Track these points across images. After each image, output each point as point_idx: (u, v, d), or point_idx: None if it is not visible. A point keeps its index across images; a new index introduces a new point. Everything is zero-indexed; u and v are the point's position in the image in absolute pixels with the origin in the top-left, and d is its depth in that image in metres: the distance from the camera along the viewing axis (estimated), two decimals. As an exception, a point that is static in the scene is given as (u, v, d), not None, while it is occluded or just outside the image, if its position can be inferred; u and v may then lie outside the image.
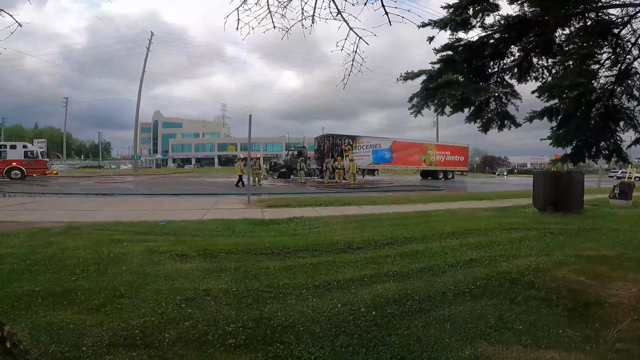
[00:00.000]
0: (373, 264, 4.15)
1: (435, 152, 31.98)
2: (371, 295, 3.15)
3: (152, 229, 6.00)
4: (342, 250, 4.79)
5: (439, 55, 4.23)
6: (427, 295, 3.18)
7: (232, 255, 4.33)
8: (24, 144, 25.98)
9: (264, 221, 7.21)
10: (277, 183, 22.59)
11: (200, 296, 3.01)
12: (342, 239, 5.31)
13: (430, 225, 6.68)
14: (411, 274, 3.79)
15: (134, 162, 48.73)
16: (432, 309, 2.92)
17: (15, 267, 3.58)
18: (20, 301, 2.77)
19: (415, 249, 4.88)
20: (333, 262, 4.19)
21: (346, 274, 3.74)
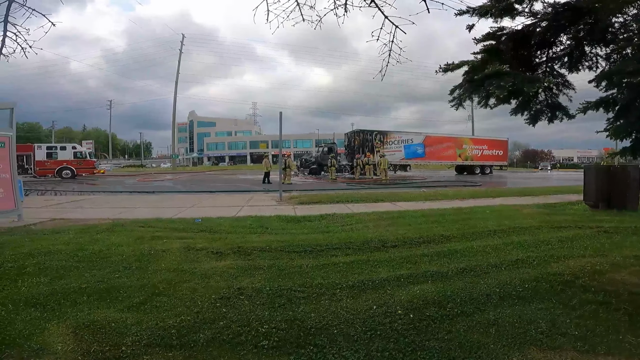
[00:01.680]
0: (409, 264, 3.99)
1: (471, 146, 30.64)
2: (408, 297, 3.01)
3: (189, 225, 6.20)
4: (375, 248, 4.66)
5: (481, 44, 3.96)
6: (470, 298, 3.00)
7: (266, 253, 4.35)
8: (73, 145, 28.09)
9: (296, 218, 7.23)
10: (308, 180, 22.69)
11: (234, 295, 3.03)
12: (376, 237, 5.18)
13: (469, 223, 6.36)
14: (451, 275, 3.60)
15: (173, 161, 51.17)
16: (475, 312, 2.75)
17: (65, 263, 3.80)
18: (67, 298, 2.91)
19: (453, 247, 4.65)
20: (367, 260, 4.08)
21: (381, 274, 3.62)
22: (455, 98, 4.16)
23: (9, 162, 6.94)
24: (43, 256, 3.99)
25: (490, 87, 3.64)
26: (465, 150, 30.18)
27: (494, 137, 33.04)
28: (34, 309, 2.70)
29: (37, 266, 3.65)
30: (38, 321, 2.49)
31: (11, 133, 7.05)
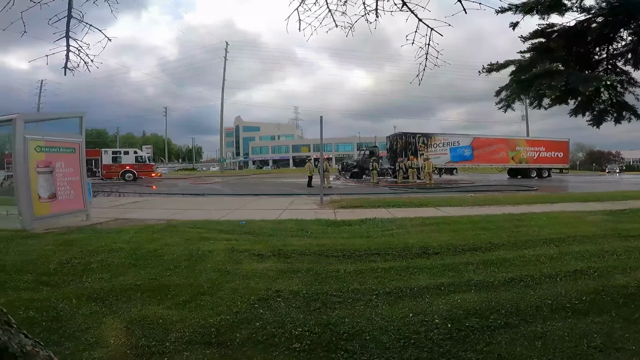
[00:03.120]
0: (451, 272, 3.84)
1: (526, 147, 28.45)
2: (448, 306, 2.92)
3: (234, 227, 6.49)
4: (416, 255, 4.53)
5: (529, 43, 3.70)
6: (517, 309, 2.84)
7: (305, 256, 4.42)
8: (134, 149, 30.79)
9: (336, 222, 7.24)
10: (349, 183, 22.61)
11: (272, 297, 3.12)
12: (417, 243, 5.02)
13: (522, 230, 5.92)
14: (497, 285, 3.41)
15: (221, 165, 53.93)
16: (520, 324, 2.60)
17: (124, 261, 4.17)
18: (124, 294, 3.18)
19: (502, 256, 4.38)
20: (406, 267, 3.99)
21: (420, 281, 3.53)
22: (502, 99, 3.92)
23: (79, 166, 7.80)
24: (106, 253, 4.42)
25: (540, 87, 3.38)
26: (519, 152, 28.10)
27: (552, 138, 30.40)
28: (94, 303, 2.98)
29: (100, 263, 4.06)
30: (96, 315, 2.74)
31: (81, 139, 7.93)
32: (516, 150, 28.15)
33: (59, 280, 3.52)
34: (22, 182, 6.55)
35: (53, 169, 7.13)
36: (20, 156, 6.50)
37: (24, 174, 6.56)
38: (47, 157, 7.05)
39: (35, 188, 6.73)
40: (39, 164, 6.85)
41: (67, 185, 7.44)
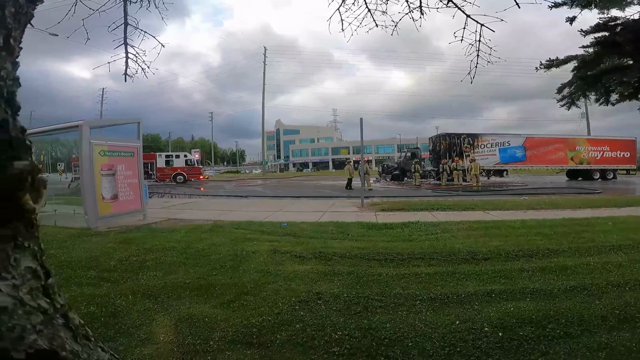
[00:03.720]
0: (503, 278, 3.63)
1: (587, 147, 25.91)
2: (499, 314, 2.76)
3: (276, 229, 6.63)
4: (463, 260, 4.33)
5: (591, 37, 3.38)
6: (579, 319, 2.63)
7: (345, 259, 4.39)
8: (184, 153, 32.77)
9: (378, 225, 7.12)
10: (390, 186, 22.15)
11: (312, 299, 3.13)
12: (464, 248, 4.79)
13: (585, 236, 5.40)
14: (557, 293, 3.19)
15: (263, 167, 55.55)
16: (582, 335, 2.41)
17: (175, 259, 4.42)
18: (174, 292, 3.35)
19: (562, 263, 4.07)
20: (452, 273, 3.83)
21: (468, 288, 3.37)
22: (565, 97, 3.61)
23: (138, 169, 8.45)
24: (160, 252, 4.73)
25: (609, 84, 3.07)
26: (579, 153, 25.66)
27: (617, 136, 27.38)
28: (148, 300, 3.16)
29: (154, 261, 4.34)
30: (149, 312, 2.91)
31: (139, 144, 8.60)
32: (576, 150, 25.74)
33: (118, 276, 3.80)
34: (88, 184, 7.24)
35: (115, 172, 7.80)
36: (86, 160, 7.19)
37: (89, 177, 7.25)
38: (110, 161, 7.72)
39: (99, 189, 7.40)
40: (103, 167, 7.53)
41: (127, 187, 8.09)
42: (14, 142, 0.42)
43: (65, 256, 4.57)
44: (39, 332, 0.42)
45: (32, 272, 0.45)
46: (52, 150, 11.46)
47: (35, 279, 0.45)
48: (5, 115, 0.42)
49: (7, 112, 0.43)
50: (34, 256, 0.46)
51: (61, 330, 0.46)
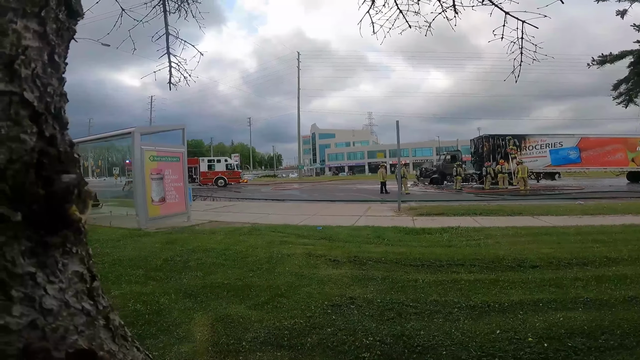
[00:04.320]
0: (553, 287, 3.40)
1: (649, 148, 23.30)
2: (545, 324, 2.58)
3: (311, 232, 6.69)
4: (509, 267, 4.09)
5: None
6: (636, 330, 2.42)
7: (380, 264, 4.32)
8: (225, 158, 34.20)
9: (415, 230, 6.93)
10: (428, 190, 21.43)
11: (345, 303, 3.10)
12: (510, 255, 4.52)
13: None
14: (613, 303, 2.94)
15: (299, 171, 56.51)
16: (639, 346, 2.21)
17: (216, 260, 4.60)
18: (213, 292, 3.48)
19: (620, 272, 3.74)
20: (496, 280, 3.64)
21: (512, 296, 3.18)
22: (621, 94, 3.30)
23: (183, 173, 8.96)
24: (201, 253, 4.96)
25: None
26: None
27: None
28: (188, 299, 3.31)
29: (196, 261, 4.55)
30: (189, 311, 3.03)
31: (183, 149, 9.12)
32: (637, 150, 23.26)
33: (163, 275, 4.03)
34: (140, 187, 7.80)
35: (163, 176, 8.33)
36: (138, 164, 7.75)
37: (141, 180, 7.81)
38: (159, 165, 8.26)
39: (149, 192, 7.94)
40: (152, 171, 8.07)
41: (173, 190, 8.61)
42: (62, 157, 0.46)
43: (118, 255, 4.95)
44: (81, 333, 0.46)
45: (79, 276, 0.49)
46: (109, 156, 12.44)
47: (81, 282, 0.49)
48: (53, 131, 0.47)
49: (56, 128, 0.47)
50: (81, 261, 0.50)
51: (101, 331, 0.50)
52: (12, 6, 0.42)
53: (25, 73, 0.44)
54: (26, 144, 0.42)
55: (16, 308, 0.39)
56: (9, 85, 0.42)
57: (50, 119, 0.47)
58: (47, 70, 0.48)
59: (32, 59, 0.45)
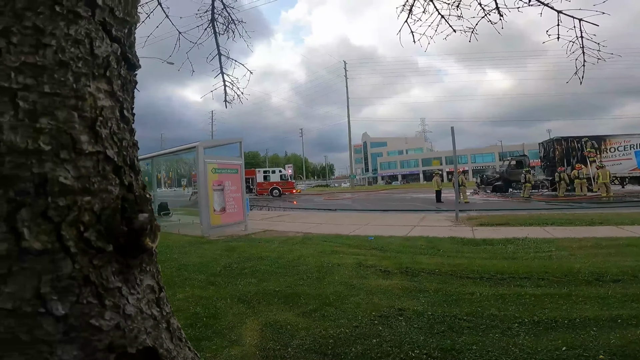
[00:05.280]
0: (636, 303, 3.02)
1: None
2: (622, 341, 2.32)
3: (362, 243, 6.63)
4: (584, 281, 3.70)
5: None
6: None
7: (434, 276, 4.14)
8: (280, 169, 35.48)
9: (475, 241, 6.51)
10: (491, 198, 19.92)
11: (393, 315, 3.03)
12: (587, 268, 4.07)
13: None
14: None
15: (351, 181, 56.37)
16: None
17: (269, 268, 4.78)
18: (265, 298, 3.62)
19: None
20: (567, 295, 3.31)
21: (586, 312, 2.88)
22: None
23: (241, 184, 9.52)
24: (256, 260, 5.20)
25: None
26: None
27: None
28: (242, 304, 3.48)
29: (251, 268, 4.78)
30: (241, 316, 3.18)
31: (241, 161, 9.70)
32: None
33: (222, 281, 4.29)
34: (203, 198, 8.45)
35: (223, 187, 8.93)
36: (202, 176, 8.42)
37: (204, 191, 8.46)
38: (220, 177, 8.89)
39: (211, 203, 8.56)
40: (214, 183, 8.71)
41: (232, 200, 9.18)
42: (138, 200, 0.57)
43: (184, 260, 5.40)
44: (148, 334, 0.56)
45: (151, 288, 0.61)
46: (178, 168, 13.66)
47: (152, 293, 0.61)
48: (130, 179, 0.58)
49: (132, 176, 0.59)
50: (152, 276, 0.62)
51: (163, 332, 0.60)
52: (83, 71, 0.52)
53: (105, 133, 0.54)
54: (112, 193, 0.54)
55: (107, 314, 0.50)
56: (95, 146, 0.52)
57: (127, 169, 0.58)
58: (120, 126, 0.58)
59: (107, 118, 0.55)
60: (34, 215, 0.44)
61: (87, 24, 0.52)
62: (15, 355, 0.42)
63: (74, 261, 0.47)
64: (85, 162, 0.51)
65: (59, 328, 0.44)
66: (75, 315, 0.46)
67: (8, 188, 0.43)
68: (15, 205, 0.43)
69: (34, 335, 0.43)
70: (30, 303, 0.43)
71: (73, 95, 0.50)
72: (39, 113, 0.46)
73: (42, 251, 0.45)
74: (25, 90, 0.45)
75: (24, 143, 0.45)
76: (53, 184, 0.46)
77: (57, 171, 0.47)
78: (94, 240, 0.50)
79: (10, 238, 0.43)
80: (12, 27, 0.44)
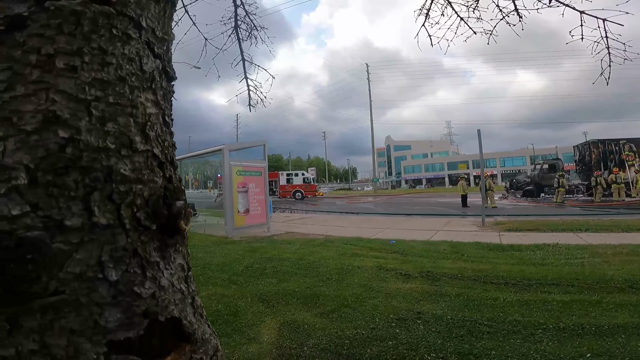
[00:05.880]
0: None
1: None
2: None
3: (383, 246, 6.61)
4: (617, 288, 3.56)
5: None
6: None
7: (456, 280, 4.08)
8: (302, 172, 35.79)
9: (501, 246, 6.33)
10: (521, 203, 19.16)
11: (411, 318, 3.02)
12: (621, 275, 3.91)
13: None
14: None
15: (374, 184, 55.88)
16: None
17: (289, 269, 4.87)
18: (284, 298, 3.68)
19: None
20: (597, 302, 3.19)
21: (615, 319, 2.79)
22: None
23: (264, 186, 9.72)
24: (277, 261, 5.31)
25: None
26: None
27: None
28: (261, 303, 3.56)
29: (272, 269, 4.89)
30: (260, 315, 3.25)
31: (265, 164, 9.91)
32: None
33: (243, 280, 4.41)
34: (228, 199, 8.71)
35: (247, 189, 9.17)
36: (227, 179, 8.69)
37: (229, 193, 8.72)
38: (244, 179, 9.14)
39: (236, 204, 8.82)
40: (239, 185, 8.96)
41: (256, 202, 9.40)
42: (176, 190, 0.69)
43: (209, 260, 5.60)
44: (176, 305, 0.65)
45: (181, 267, 0.70)
46: (204, 170, 14.13)
47: (182, 271, 0.70)
48: (170, 172, 0.70)
49: (171, 170, 0.71)
50: (183, 256, 0.72)
51: (188, 307, 0.69)
52: (136, 84, 0.63)
53: (152, 135, 0.65)
54: (157, 183, 0.65)
55: (147, 283, 0.59)
56: (146, 145, 0.64)
57: (168, 165, 0.70)
58: (163, 129, 0.70)
59: (154, 123, 0.67)
60: (102, 198, 0.55)
61: (137, 44, 0.63)
62: (72, 316, 0.50)
63: (128, 235, 0.58)
64: (138, 158, 0.62)
65: (110, 292, 0.54)
66: (124, 282, 0.56)
67: (85, 176, 0.54)
68: (89, 190, 0.54)
69: (91, 298, 0.52)
70: (93, 269, 0.53)
71: (129, 105, 0.61)
72: (106, 119, 0.57)
73: (106, 225, 0.55)
74: (96, 100, 0.56)
75: (96, 142, 0.56)
76: (116, 174, 0.58)
77: (119, 164, 0.58)
78: (143, 219, 0.60)
79: (84, 214, 0.53)
80: (84, 47, 0.55)
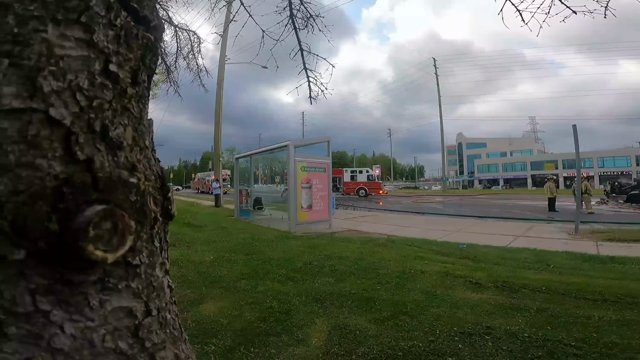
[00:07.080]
0: None
1: None
2: None
3: (452, 250, 6.09)
4: None
5: None
6: None
7: (539, 293, 3.53)
8: (367, 169, 35.34)
9: (599, 258, 5.43)
10: (624, 210, 16.23)
11: (478, 333, 2.66)
12: None
13: None
14: None
15: (443, 184, 52.75)
16: None
17: (348, 269, 4.70)
18: (339, 299, 3.51)
19: None
20: None
21: None
22: None
23: (327, 183, 9.75)
24: (336, 260, 5.20)
25: None
26: None
27: None
28: (315, 303, 3.42)
29: (330, 267, 4.77)
30: (313, 315, 3.12)
31: (329, 161, 9.93)
32: None
33: (300, 277, 4.34)
34: (293, 195, 8.92)
35: (311, 185, 9.30)
36: (292, 174, 8.90)
37: (294, 189, 8.92)
38: (308, 175, 9.28)
39: (299, 200, 8.99)
40: (303, 181, 9.12)
41: (319, 198, 9.48)
42: (100, 183, 0.41)
43: (270, 254, 5.73)
44: None
45: (126, 312, 0.44)
46: (272, 165, 14.76)
47: (128, 318, 0.44)
48: (95, 152, 0.41)
49: (99, 149, 0.41)
50: (135, 295, 0.45)
51: None
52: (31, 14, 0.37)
53: (57, 86, 0.38)
54: (42, 170, 0.37)
55: (9, 344, 0.35)
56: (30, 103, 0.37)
57: (91, 137, 0.40)
58: (97, 81, 0.42)
59: (74, 70, 0.40)
60: None
61: None
62: None
63: None
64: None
65: None
66: None
67: None
68: None
69: None
70: None
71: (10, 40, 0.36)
72: None
73: None
74: None
75: None
76: None
77: None
78: None
79: None
80: None
